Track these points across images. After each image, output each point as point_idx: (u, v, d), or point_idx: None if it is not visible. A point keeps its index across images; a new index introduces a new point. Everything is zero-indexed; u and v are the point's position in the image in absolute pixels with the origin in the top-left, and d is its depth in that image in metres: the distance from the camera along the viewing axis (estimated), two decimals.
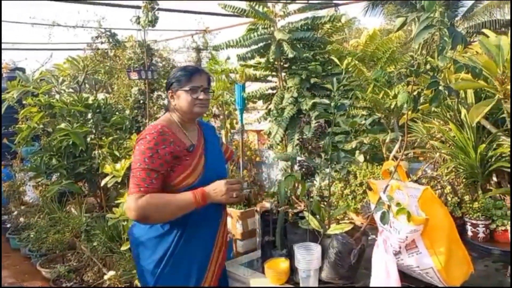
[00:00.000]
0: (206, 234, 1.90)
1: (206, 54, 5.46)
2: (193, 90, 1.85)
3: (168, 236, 1.85)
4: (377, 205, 1.62)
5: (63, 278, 3.61)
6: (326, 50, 3.68)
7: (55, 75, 5.61)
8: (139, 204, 1.71)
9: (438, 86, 1.58)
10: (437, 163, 2.70)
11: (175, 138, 1.84)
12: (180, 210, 1.76)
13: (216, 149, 2.04)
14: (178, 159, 1.81)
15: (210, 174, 1.87)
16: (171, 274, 1.84)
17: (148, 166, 1.74)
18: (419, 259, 1.59)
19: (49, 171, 4.35)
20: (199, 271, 1.87)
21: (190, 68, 1.90)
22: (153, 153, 1.76)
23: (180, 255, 1.84)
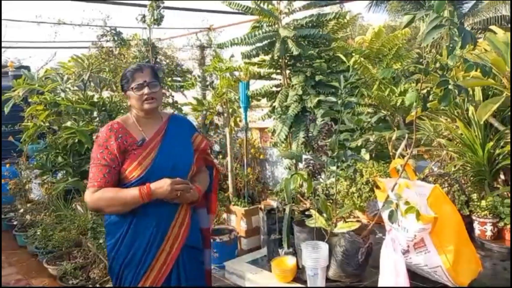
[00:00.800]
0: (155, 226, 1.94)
1: (210, 52, 5.45)
2: (138, 88, 1.94)
3: (120, 224, 1.96)
4: (385, 203, 1.61)
5: (70, 275, 3.63)
6: (331, 47, 3.66)
7: (60, 73, 5.61)
8: (92, 198, 1.89)
9: (448, 85, 1.57)
10: (443, 161, 2.69)
11: (125, 133, 1.95)
12: (127, 204, 1.88)
13: (178, 141, 2.05)
14: (127, 153, 1.92)
15: (159, 166, 1.93)
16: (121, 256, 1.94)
17: (100, 162, 1.90)
18: (427, 257, 1.58)
19: (54, 169, 4.36)
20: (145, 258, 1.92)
21: (132, 68, 1.99)
22: (103, 149, 1.91)
23: (129, 241, 1.93)
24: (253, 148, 4.74)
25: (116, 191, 1.89)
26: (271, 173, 4.87)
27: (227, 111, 4.26)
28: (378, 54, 3.80)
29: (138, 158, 1.91)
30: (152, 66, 2.06)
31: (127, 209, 1.89)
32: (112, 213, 1.95)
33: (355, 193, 2.53)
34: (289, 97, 3.52)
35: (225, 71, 3.91)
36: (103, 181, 1.88)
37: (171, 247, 1.96)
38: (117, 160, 1.90)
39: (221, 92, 4.14)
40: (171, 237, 1.96)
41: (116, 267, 1.96)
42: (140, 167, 1.90)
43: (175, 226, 1.97)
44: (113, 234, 1.98)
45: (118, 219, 1.96)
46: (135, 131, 1.98)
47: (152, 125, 2.02)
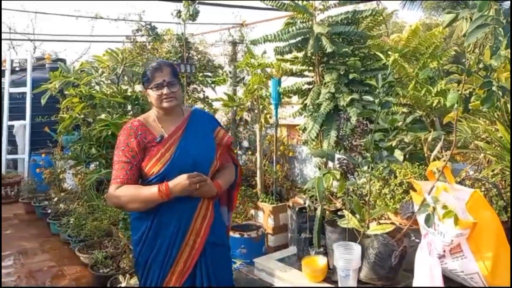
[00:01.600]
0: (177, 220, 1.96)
1: (242, 47, 5.46)
2: (157, 87, 1.95)
3: (143, 219, 1.98)
4: (422, 206, 1.57)
5: (100, 264, 3.72)
6: (366, 45, 3.60)
7: (94, 66, 5.74)
8: (115, 194, 1.91)
9: (491, 86, 1.52)
10: (480, 164, 2.60)
11: (144, 130, 1.98)
12: (147, 202, 1.89)
13: (198, 136, 2.06)
14: (147, 149, 1.95)
15: (180, 161, 1.94)
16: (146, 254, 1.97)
17: (121, 159, 1.93)
18: (464, 263, 1.54)
19: (88, 160, 4.46)
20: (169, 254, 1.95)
21: (151, 67, 2.00)
22: (124, 147, 1.94)
23: (153, 238, 1.96)
24: (283, 145, 4.73)
25: (136, 188, 1.92)
26: (300, 170, 4.85)
27: (257, 107, 4.26)
28: (415, 52, 3.71)
29: (157, 154, 1.94)
30: (171, 65, 2.06)
31: (148, 207, 1.91)
32: (133, 210, 1.98)
33: (387, 194, 2.48)
34: (321, 95, 3.49)
35: (257, 67, 3.91)
36: (126, 177, 1.91)
37: (194, 242, 1.97)
38: (137, 157, 1.93)
39: (252, 88, 4.14)
40: (193, 231, 1.98)
41: (142, 261, 1.99)
42: (159, 163, 1.93)
43: (196, 221, 1.98)
44: (137, 229, 2.01)
45: (141, 214, 1.99)
46: (155, 128, 2.01)
47: (172, 122, 2.04)
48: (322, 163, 3.65)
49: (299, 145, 4.89)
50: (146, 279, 2.00)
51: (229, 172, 2.18)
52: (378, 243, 1.64)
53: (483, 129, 2.50)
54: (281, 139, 4.83)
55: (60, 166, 5.75)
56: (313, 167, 4.55)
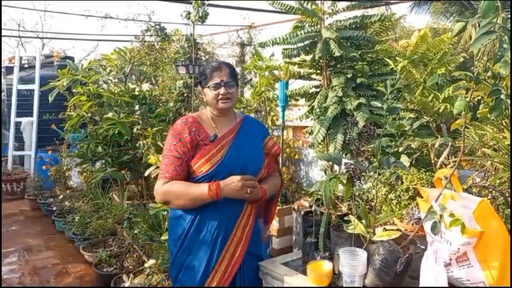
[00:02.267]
0: (217, 224, 1.92)
1: (250, 49, 5.47)
2: (214, 87, 1.95)
3: (183, 220, 1.95)
4: (428, 214, 1.57)
5: (104, 262, 3.74)
6: (375, 49, 3.60)
7: (102, 65, 5.78)
8: (163, 189, 1.91)
9: (500, 94, 1.51)
10: (487, 172, 2.60)
11: (198, 127, 1.97)
12: (195, 200, 1.87)
13: (249, 142, 2.04)
14: (199, 147, 1.93)
15: (230, 163, 1.92)
16: (183, 256, 1.94)
17: (172, 154, 1.92)
18: (470, 272, 1.54)
19: (94, 158, 4.50)
20: (208, 260, 1.90)
21: (210, 66, 1.99)
22: (177, 142, 1.92)
23: (191, 240, 1.92)
24: (289, 148, 4.73)
25: (185, 185, 1.90)
26: (306, 173, 4.85)
27: (264, 109, 4.27)
28: (423, 58, 3.70)
29: (208, 153, 1.92)
30: (231, 66, 2.05)
31: (195, 205, 1.89)
32: (179, 207, 1.95)
33: (393, 199, 2.47)
34: (328, 98, 3.49)
35: (265, 69, 3.91)
36: (175, 173, 1.91)
37: (235, 249, 1.93)
38: (189, 153, 1.92)
39: (260, 90, 4.15)
40: (235, 238, 1.94)
41: (178, 265, 1.95)
42: (209, 163, 1.91)
43: (239, 227, 1.95)
44: (175, 229, 1.97)
45: (181, 213, 1.96)
46: (209, 127, 2.00)
47: (225, 123, 2.03)
48: (328, 166, 3.65)
49: (305, 148, 4.89)
50: (182, 283, 1.95)
51: (274, 181, 2.16)
52: (384, 249, 1.64)
53: (490, 136, 2.49)
54: (287, 141, 4.84)
55: (66, 164, 5.80)
56: (319, 170, 4.55)
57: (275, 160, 2.23)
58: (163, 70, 5.52)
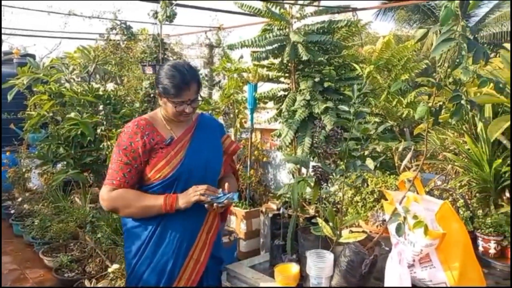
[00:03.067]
0: (181, 233, 1.85)
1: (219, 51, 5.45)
2: (179, 105, 1.81)
3: (142, 230, 1.86)
4: (393, 216, 1.60)
5: (65, 267, 3.62)
6: (341, 54, 3.66)
7: (65, 63, 5.60)
8: (110, 197, 1.80)
9: (460, 100, 1.57)
10: (448, 175, 2.69)
11: (152, 130, 1.85)
12: (148, 212, 1.80)
13: (207, 143, 1.96)
14: (154, 151, 1.83)
15: (190, 165, 1.85)
16: (141, 268, 1.85)
17: (121, 159, 1.81)
18: (432, 273, 1.58)
19: (55, 159, 4.34)
20: (172, 268, 1.84)
21: (177, 81, 1.78)
22: (127, 146, 1.81)
23: (152, 251, 1.84)
24: (257, 150, 4.74)
25: (137, 195, 1.81)
26: (273, 176, 4.87)
27: (233, 111, 4.26)
28: (387, 64, 3.80)
29: (166, 157, 1.82)
30: (198, 80, 1.88)
31: (144, 216, 1.81)
32: (127, 216, 1.87)
33: (359, 202, 2.52)
34: (296, 102, 3.52)
35: (234, 72, 3.90)
36: (123, 180, 1.80)
37: (199, 255, 1.87)
38: (140, 159, 1.81)
39: (228, 92, 4.13)
40: (199, 244, 1.88)
41: (137, 275, 1.86)
42: (169, 166, 1.82)
43: (203, 232, 1.89)
44: (135, 238, 1.87)
45: (141, 222, 1.86)
46: (163, 129, 1.89)
47: (181, 124, 1.93)
48: (296, 169, 3.68)
49: (273, 151, 4.92)
50: None
51: (232, 182, 2.07)
52: (350, 251, 1.66)
53: (451, 141, 2.58)
54: (256, 144, 4.84)
55: (25, 165, 5.57)
56: (286, 173, 4.58)
57: (232, 160, 2.18)
58: (128, 70, 5.40)
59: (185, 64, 1.91)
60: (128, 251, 1.91)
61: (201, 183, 1.83)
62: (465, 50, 1.53)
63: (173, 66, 1.84)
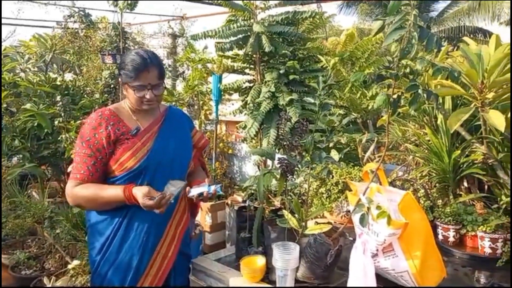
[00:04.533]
0: (148, 225, 1.79)
1: (183, 41, 5.34)
2: (139, 90, 1.75)
3: (106, 225, 1.80)
4: (357, 206, 1.62)
5: (22, 265, 3.47)
6: (306, 46, 3.67)
7: (20, 52, 5.35)
8: (73, 192, 1.74)
9: (417, 89, 1.59)
10: (409, 166, 2.76)
11: (117, 121, 1.78)
12: (109, 204, 1.75)
13: (175, 135, 1.90)
14: (119, 142, 1.76)
15: (157, 156, 1.79)
16: (106, 264, 1.79)
17: (84, 152, 1.74)
18: (395, 262, 1.61)
19: (10, 152, 4.14)
20: (139, 263, 1.78)
21: (137, 63, 1.72)
22: (90, 137, 1.74)
23: (117, 246, 1.78)
24: (222, 142, 4.70)
25: (98, 188, 1.73)
26: (239, 168, 4.85)
27: (197, 103, 4.19)
28: (351, 57, 3.85)
29: (132, 148, 1.75)
30: (160, 64, 1.80)
31: (109, 208, 1.75)
32: (92, 209, 1.81)
33: (324, 193, 2.55)
34: (261, 94, 3.51)
35: (198, 62, 3.84)
36: (87, 173, 1.72)
37: (167, 250, 1.82)
38: (104, 150, 1.73)
39: (193, 83, 4.06)
40: (167, 238, 1.83)
41: (102, 273, 1.79)
42: (134, 158, 1.74)
43: (171, 226, 1.84)
44: (99, 234, 1.80)
45: (105, 217, 1.79)
46: (129, 120, 1.81)
47: (148, 115, 1.86)
48: (262, 161, 3.68)
49: (239, 143, 4.89)
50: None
51: (203, 175, 2.03)
52: (316, 242, 1.67)
53: (412, 132, 2.64)
54: (221, 136, 4.80)
55: None
56: (252, 165, 4.58)
57: (201, 154, 2.15)
58: (88, 59, 5.21)
59: (148, 51, 1.84)
60: (92, 247, 1.84)
61: (168, 176, 1.79)
62: (415, 39, 1.55)
63: (135, 51, 1.79)
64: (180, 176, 1.86)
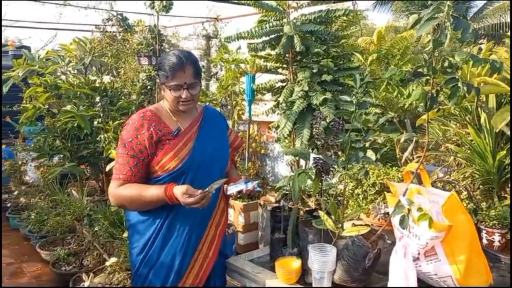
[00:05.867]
0: (189, 226, 1.81)
1: (216, 42, 5.38)
2: (175, 89, 1.77)
3: (148, 226, 1.81)
4: (397, 208, 1.57)
5: (62, 261, 3.58)
6: (340, 44, 3.60)
7: (61, 55, 5.53)
8: (116, 192, 1.76)
9: (456, 82, 1.52)
10: (450, 166, 2.66)
11: (158, 122, 1.80)
12: (152, 204, 1.75)
13: (214, 135, 1.93)
14: (161, 143, 1.78)
15: (198, 157, 1.81)
16: (150, 263, 1.81)
17: (127, 152, 1.75)
18: (437, 266, 1.55)
19: (52, 152, 4.30)
20: (180, 264, 1.79)
21: (173, 63, 1.75)
22: (132, 138, 1.76)
23: (160, 245, 1.79)
24: (254, 142, 4.69)
25: (140, 188, 1.74)
26: (271, 168, 4.83)
27: (231, 103, 4.20)
28: (387, 55, 3.75)
29: (174, 148, 1.77)
30: (196, 63, 1.82)
31: (154, 207, 1.76)
32: (135, 210, 1.82)
33: (360, 194, 2.49)
34: (294, 93, 3.46)
35: (231, 63, 3.85)
36: (129, 174, 1.74)
37: (208, 249, 1.83)
38: (146, 151, 1.75)
39: (226, 84, 4.08)
40: (208, 238, 1.84)
41: (144, 273, 1.81)
42: (177, 158, 1.76)
43: (211, 227, 1.85)
44: (141, 234, 1.81)
45: (146, 218, 1.81)
46: (170, 120, 1.84)
47: (187, 116, 1.88)
48: (295, 161, 3.64)
49: (271, 143, 4.87)
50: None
51: (236, 174, 2.07)
52: (353, 245, 1.63)
53: (454, 132, 2.54)
54: (253, 136, 4.80)
55: (21, 158, 5.51)
56: (285, 165, 4.54)
57: (233, 154, 2.17)
58: (125, 61, 5.33)
59: (184, 51, 1.88)
60: (133, 247, 1.85)
61: (208, 175, 1.80)
62: (449, 29, 1.47)
63: (171, 52, 1.83)
64: (220, 175, 1.88)
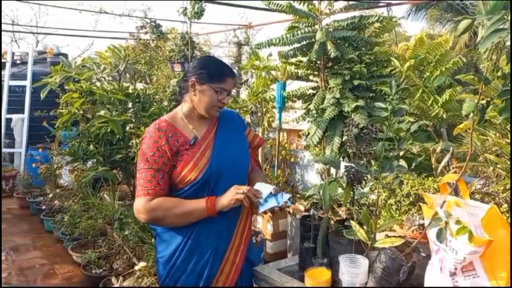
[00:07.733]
0: (217, 234, 1.79)
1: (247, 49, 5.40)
2: (222, 92, 1.76)
3: (180, 232, 1.78)
4: (433, 220, 1.50)
5: (93, 264, 3.64)
6: (373, 51, 3.54)
7: (96, 62, 5.69)
8: (148, 208, 1.68)
9: (510, 95, 1.44)
10: (489, 178, 2.54)
11: (175, 132, 1.75)
12: (191, 218, 1.71)
13: (232, 138, 1.88)
14: (179, 154, 1.73)
15: (218, 164, 1.76)
16: (178, 273, 1.79)
17: (152, 166, 1.69)
18: (476, 283, 1.46)
19: (85, 156, 4.40)
20: (209, 272, 1.77)
21: (225, 68, 1.79)
22: (154, 152, 1.70)
23: (189, 253, 1.77)
24: (284, 150, 4.66)
25: (177, 202, 1.71)
26: (301, 176, 4.78)
27: (261, 110, 4.20)
28: (422, 61, 3.65)
29: (192, 159, 1.72)
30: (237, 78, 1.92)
31: (187, 223, 1.73)
32: (169, 225, 1.77)
33: (393, 205, 2.41)
34: (325, 100, 3.42)
35: (262, 70, 3.84)
36: (158, 188, 1.68)
37: (235, 256, 1.82)
38: (169, 163, 1.70)
39: (257, 91, 4.08)
40: (235, 245, 1.82)
41: (171, 282, 1.79)
42: (196, 169, 1.71)
43: (237, 233, 1.83)
44: (168, 243, 1.79)
45: (172, 229, 1.79)
46: (186, 129, 1.78)
47: (202, 122, 1.83)
48: (325, 170, 3.58)
49: (301, 150, 4.83)
50: None
51: (262, 175, 2.01)
52: (386, 257, 1.57)
53: (493, 141, 2.43)
54: (283, 143, 4.77)
55: (56, 162, 5.68)
56: (315, 173, 4.48)
57: (255, 154, 2.10)
58: (157, 68, 5.42)
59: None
60: (161, 256, 1.83)
61: (231, 180, 1.76)
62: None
63: (211, 56, 1.86)
64: (241, 179, 1.85)
